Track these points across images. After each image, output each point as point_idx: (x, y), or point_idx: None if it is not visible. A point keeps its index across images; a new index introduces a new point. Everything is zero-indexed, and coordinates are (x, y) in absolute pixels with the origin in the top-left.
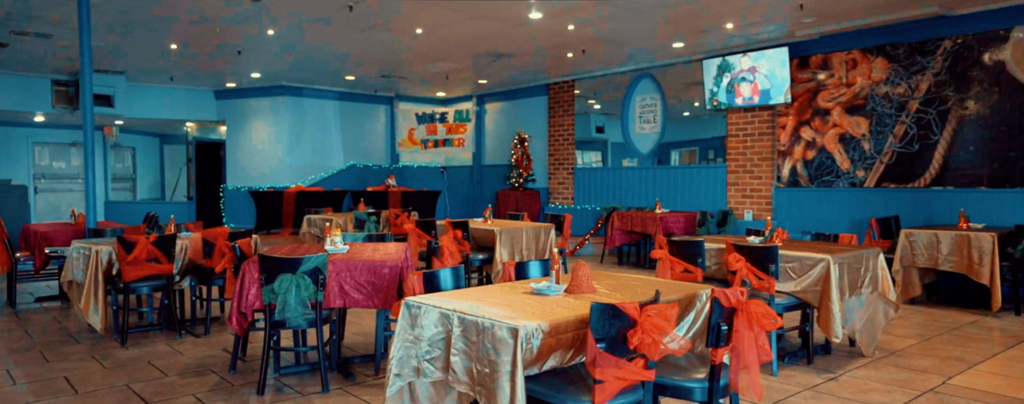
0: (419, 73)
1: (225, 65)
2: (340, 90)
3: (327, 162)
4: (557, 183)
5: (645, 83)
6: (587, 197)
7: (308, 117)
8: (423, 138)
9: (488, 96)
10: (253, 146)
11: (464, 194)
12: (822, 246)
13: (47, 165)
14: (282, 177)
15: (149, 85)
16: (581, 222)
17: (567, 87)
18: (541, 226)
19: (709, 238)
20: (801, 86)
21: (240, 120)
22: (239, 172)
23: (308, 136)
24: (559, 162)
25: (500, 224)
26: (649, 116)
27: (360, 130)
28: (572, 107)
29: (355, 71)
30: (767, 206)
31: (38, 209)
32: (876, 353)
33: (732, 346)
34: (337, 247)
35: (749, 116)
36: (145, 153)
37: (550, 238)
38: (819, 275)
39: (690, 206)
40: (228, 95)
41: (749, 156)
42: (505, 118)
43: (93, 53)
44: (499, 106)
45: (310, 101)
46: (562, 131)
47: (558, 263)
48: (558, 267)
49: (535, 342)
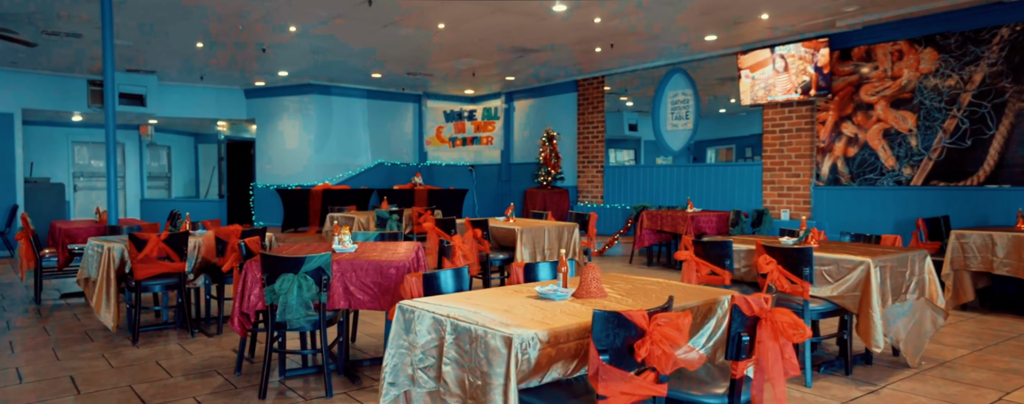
0: (445, 70)
1: (252, 64)
2: (367, 88)
3: (355, 160)
4: (586, 181)
5: (677, 78)
6: (617, 196)
7: (336, 115)
8: (451, 136)
9: (517, 93)
10: (282, 144)
11: (493, 193)
12: (862, 248)
13: (86, 163)
14: (310, 175)
15: (180, 84)
16: (611, 221)
17: (596, 83)
18: (565, 225)
19: (739, 239)
20: (842, 79)
21: (269, 119)
22: (269, 170)
23: (336, 134)
24: (588, 160)
25: (522, 223)
26: (681, 112)
27: (388, 128)
28: (601, 103)
29: (381, 69)
30: (805, 205)
31: (77, 207)
32: (922, 364)
33: (755, 358)
34: (345, 246)
35: (786, 111)
36: (180, 152)
37: (574, 238)
38: (858, 279)
39: (724, 205)
40: (257, 94)
41: (786, 153)
42: (534, 115)
43: (124, 53)
44: (528, 103)
45: (338, 99)
46: (591, 128)
47: (565, 265)
48: (565, 269)
49: (532, 353)
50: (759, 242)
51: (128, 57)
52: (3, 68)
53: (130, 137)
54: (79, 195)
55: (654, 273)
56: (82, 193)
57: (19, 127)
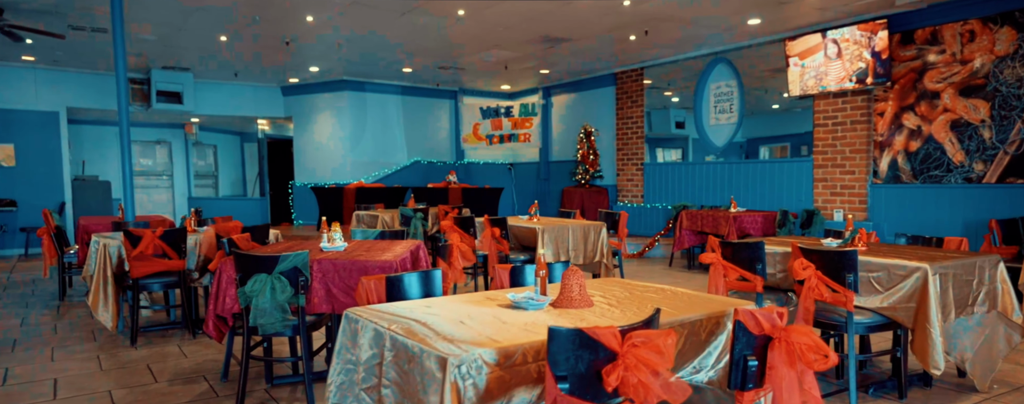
0: (476, 64)
1: (280, 58)
2: (402, 84)
3: (391, 158)
4: (626, 180)
5: (720, 69)
6: (658, 195)
7: (371, 112)
8: (488, 133)
9: (554, 88)
10: (319, 142)
11: (532, 192)
12: (920, 252)
13: (135, 162)
14: (346, 173)
15: (216, 81)
16: (651, 222)
17: (635, 76)
18: (591, 224)
19: (774, 240)
20: (903, 65)
21: (306, 116)
22: (307, 168)
23: (371, 132)
24: (628, 157)
25: (546, 221)
26: (725, 105)
27: (424, 125)
28: (640, 97)
29: (410, 61)
30: (861, 206)
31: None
32: (994, 388)
33: (766, 388)
34: (333, 244)
35: (840, 102)
36: (226, 150)
37: (601, 238)
38: (913, 288)
39: (771, 205)
40: (294, 91)
41: (840, 148)
42: (572, 111)
43: (154, 49)
44: (566, 99)
45: (372, 96)
46: (631, 124)
47: (544, 268)
48: (544, 274)
49: (478, 377)
50: (795, 244)
51: (159, 54)
52: (46, 67)
53: (176, 136)
54: None
55: (692, 277)
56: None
57: (64, 125)
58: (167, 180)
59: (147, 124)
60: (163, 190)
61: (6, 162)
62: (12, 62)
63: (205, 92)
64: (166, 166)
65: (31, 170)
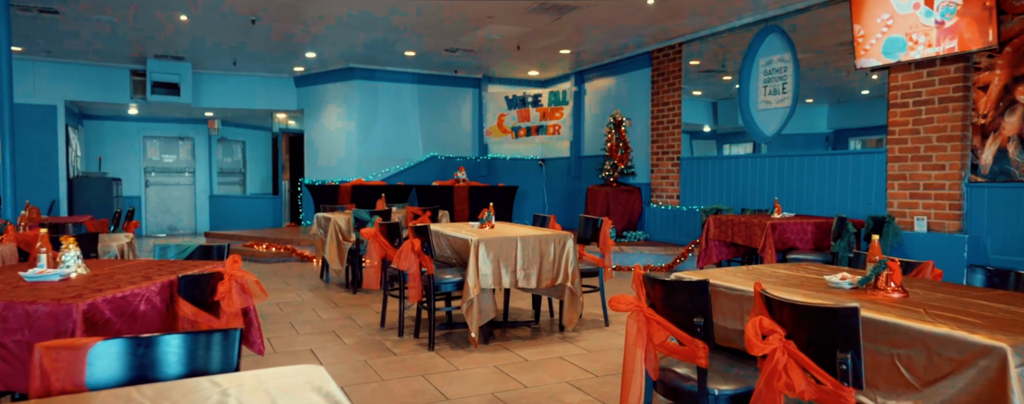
0: (486, 45)
1: (271, 43)
2: (417, 72)
3: (404, 153)
4: (660, 177)
5: (772, 41)
6: (696, 194)
7: (382, 103)
8: (514, 125)
9: (588, 73)
10: (327, 136)
11: (562, 190)
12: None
13: (157, 159)
14: (355, 170)
15: (218, 72)
16: (688, 228)
17: (672, 54)
18: (554, 235)
19: (731, 274)
20: (1016, 21)
21: (316, 108)
22: (317, 165)
23: (382, 125)
24: (663, 151)
25: (498, 230)
26: (776, 85)
27: (442, 117)
28: (678, 79)
29: (410, 45)
30: (952, 211)
31: (149, 202)
32: None
33: None
34: (51, 270)
35: (924, 74)
36: (255, 147)
37: (566, 254)
38: (976, 384)
39: (829, 209)
40: (305, 82)
41: (924, 135)
42: (606, 99)
43: (140, 35)
44: (600, 85)
45: (384, 85)
46: (666, 111)
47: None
48: None
49: None
50: (758, 286)
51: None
52: (42, 59)
53: (199, 132)
54: (151, 191)
55: None
56: (154, 188)
57: (62, 119)
58: (188, 177)
59: (169, 120)
60: (184, 187)
61: None
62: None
63: (209, 84)
64: (188, 163)
65: (26, 166)
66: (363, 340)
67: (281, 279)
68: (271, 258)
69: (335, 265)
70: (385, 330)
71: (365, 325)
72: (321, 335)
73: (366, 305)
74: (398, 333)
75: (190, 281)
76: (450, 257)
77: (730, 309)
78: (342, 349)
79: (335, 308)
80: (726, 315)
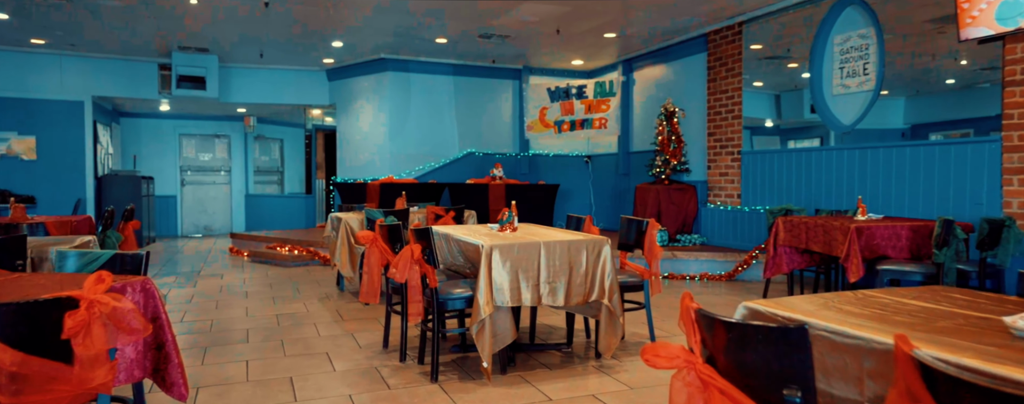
0: (514, 27)
1: (301, 32)
2: (453, 62)
3: (439, 150)
4: (718, 174)
5: (849, 15)
6: (760, 194)
7: (415, 96)
8: (557, 119)
9: (637, 61)
10: (359, 132)
11: (610, 189)
12: None
13: (193, 157)
14: (387, 167)
15: (246, 66)
16: (750, 231)
17: (731, 35)
18: (587, 240)
19: (866, 300)
20: None
21: (347, 103)
22: (349, 162)
23: (415, 119)
24: (721, 144)
25: (510, 236)
26: (856, 66)
27: (480, 111)
28: (738, 64)
29: (441, 30)
30: None
31: (184, 202)
32: None
33: None
34: None
35: None
36: (294, 145)
37: (602, 264)
38: None
39: (924, 210)
40: (337, 75)
41: None
42: (658, 89)
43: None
44: (651, 73)
45: (418, 77)
46: (725, 99)
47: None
48: None
49: None
50: (905, 347)
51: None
52: (69, 53)
53: (236, 129)
54: (187, 190)
55: None
56: (190, 187)
57: (89, 115)
58: (224, 176)
59: (204, 117)
60: (220, 186)
61: (26, 155)
62: (31, 48)
63: (238, 78)
64: (224, 162)
65: (53, 164)
66: (357, 366)
67: (294, 285)
68: (292, 261)
69: (346, 271)
70: (387, 352)
71: (366, 345)
72: (310, 358)
73: (374, 319)
74: (400, 357)
75: (17, 313)
76: (463, 266)
77: (840, 367)
78: (327, 378)
79: (338, 323)
80: (833, 376)
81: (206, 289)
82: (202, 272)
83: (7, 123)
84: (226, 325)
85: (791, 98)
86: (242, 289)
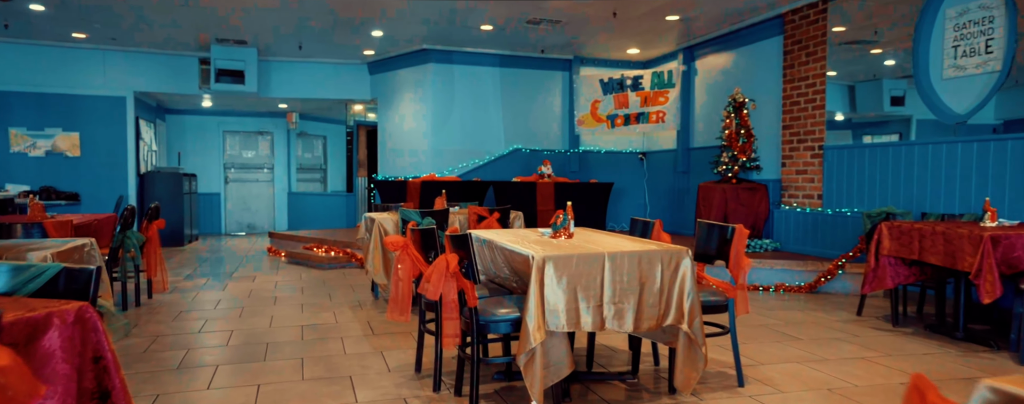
0: (572, 11)
1: (339, 21)
2: (499, 53)
3: (484, 146)
4: (794, 172)
5: None
6: (846, 194)
7: (459, 89)
8: (610, 113)
9: (699, 47)
10: (399, 127)
11: (667, 189)
12: None
13: (237, 154)
14: (427, 164)
15: (285, 60)
16: (833, 236)
17: (813, 15)
18: (661, 250)
19: None
20: None
21: (389, 97)
22: (390, 159)
23: (459, 114)
24: (798, 138)
25: (565, 243)
26: (974, 42)
27: (528, 104)
28: (821, 47)
29: (491, 17)
30: None
31: (228, 200)
32: None
33: None
34: None
35: None
36: (338, 142)
37: (680, 280)
38: None
39: None
40: (379, 68)
41: None
42: (724, 78)
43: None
44: (715, 61)
45: (462, 69)
46: (804, 87)
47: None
48: None
49: None
50: None
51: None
52: (111, 48)
53: (278, 126)
54: (231, 187)
55: (899, 347)
56: (233, 185)
57: (131, 111)
58: (267, 174)
59: (247, 113)
60: (263, 184)
61: (71, 152)
62: (73, 43)
63: (278, 72)
64: (268, 159)
65: (96, 161)
66: (383, 396)
67: (327, 291)
68: (328, 263)
69: (379, 278)
70: (420, 378)
71: (397, 367)
72: (330, 383)
73: (408, 334)
74: (434, 386)
75: None
76: (508, 280)
77: None
78: None
79: (368, 338)
80: None
81: (236, 292)
82: (236, 274)
83: (52, 119)
84: (246, 337)
85: (868, 89)
86: (272, 294)
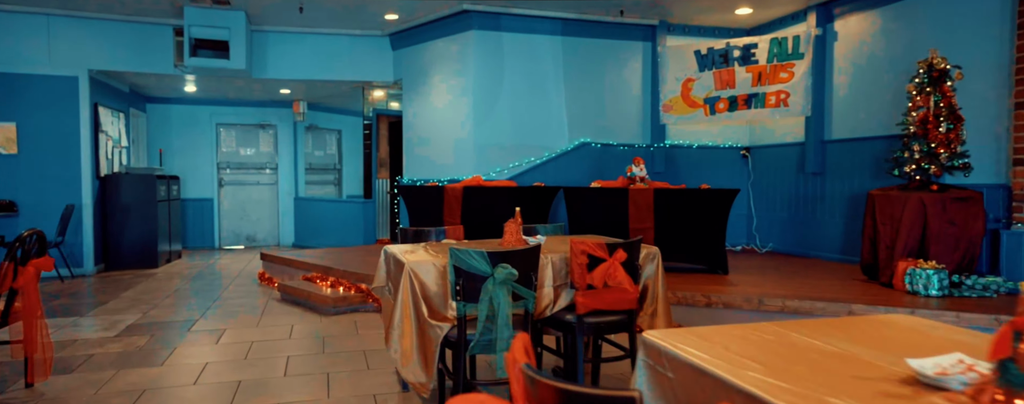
0: None
1: None
2: (562, 17)
3: (542, 140)
4: None
5: None
6: None
7: (510, 64)
8: (709, 95)
9: (842, 1)
10: (431, 115)
11: (787, 196)
12: None
13: (233, 152)
14: (468, 164)
15: (285, 30)
16: None
17: None
18: None
19: None
20: None
21: (417, 77)
22: (416, 155)
23: (508, 96)
24: None
25: None
26: None
27: (598, 85)
28: None
29: None
30: None
31: (223, 204)
32: None
33: None
34: None
35: None
36: (354, 137)
37: None
38: None
39: None
40: (404, 41)
41: None
42: (887, 41)
43: None
44: (866, 21)
45: (512, 37)
46: None
47: None
48: None
49: None
50: None
51: None
52: (58, 13)
53: (283, 118)
54: (226, 191)
55: None
56: (229, 189)
57: (86, 96)
58: (270, 175)
59: (246, 103)
60: (264, 188)
61: (5, 148)
62: (7, 7)
63: (275, 46)
64: (270, 157)
65: (39, 159)
66: None
67: (327, 364)
68: (333, 304)
69: (412, 374)
70: None
71: None
72: None
73: None
74: None
75: None
76: None
77: None
78: None
79: None
80: None
81: (167, 378)
82: (193, 326)
83: None
84: None
85: None
86: (234, 376)
